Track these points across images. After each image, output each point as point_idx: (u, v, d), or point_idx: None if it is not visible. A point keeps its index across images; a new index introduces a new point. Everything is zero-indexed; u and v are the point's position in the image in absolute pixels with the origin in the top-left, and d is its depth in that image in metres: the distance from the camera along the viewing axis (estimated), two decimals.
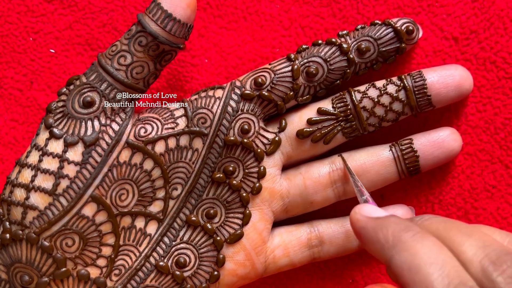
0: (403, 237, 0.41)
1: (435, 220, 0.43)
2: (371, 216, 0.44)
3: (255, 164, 0.53)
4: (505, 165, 0.57)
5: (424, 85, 0.53)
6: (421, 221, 0.43)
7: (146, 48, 0.50)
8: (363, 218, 0.45)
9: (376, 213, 0.45)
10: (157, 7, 0.50)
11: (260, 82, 0.52)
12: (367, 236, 0.43)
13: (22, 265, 0.50)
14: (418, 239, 0.40)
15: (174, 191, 0.53)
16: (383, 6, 0.57)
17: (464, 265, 0.39)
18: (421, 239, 0.40)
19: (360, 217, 0.45)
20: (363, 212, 0.45)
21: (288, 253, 0.55)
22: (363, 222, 0.44)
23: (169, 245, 0.53)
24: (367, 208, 0.46)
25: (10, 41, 0.59)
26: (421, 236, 0.40)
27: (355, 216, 0.45)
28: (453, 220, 0.43)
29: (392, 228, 0.42)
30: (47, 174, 0.50)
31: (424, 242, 0.40)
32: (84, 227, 0.50)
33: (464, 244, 0.39)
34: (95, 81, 0.51)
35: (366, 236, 0.44)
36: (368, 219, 0.44)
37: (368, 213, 0.45)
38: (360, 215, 0.45)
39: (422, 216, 0.44)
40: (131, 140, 0.51)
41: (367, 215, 0.45)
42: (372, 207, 0.46)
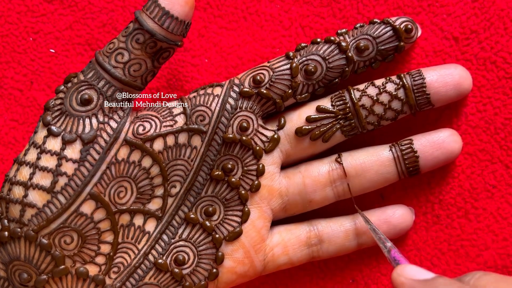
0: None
1: (488, 279, 0.41)
2: (417, 279, 0.43)
3: (253, 161, 0.53)
4: (505, 165, 0.56)
5: (423, 83, 0.53)
6: (473, 281, 0.42)
7: (143, 46, 0.50)
8: (409, 282, 0.43)
9: (421, 275, 0.43)
10: (155, 4, 0.49)
11: (259, 80, 0.52)
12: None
13: (21, 262, 0.50)
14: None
15: (173, 189, 0.53)
16: (383, 6, 0.57)
17: None
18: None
19: (405, 280, 0.43)
20: (407, 275, 0.43)
21: (287, 252, 0.55)
22: (409, 286, 0.42)
23: (168, 243, 0.53)
24: (410, 270, 0.43)
25: (10, 41, 0.59)
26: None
27: (398, 278, 0.43)
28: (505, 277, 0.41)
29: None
30: (45, 171, 0.50)
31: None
32: (82, 225, 0.50)
33: None
34: (92, 78, 0.51)
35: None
36: (415, 282, 0.42)
37: (413, 275, 0.43)
38: (405, 278, 0.43)
39: (473, 274, 0.42)
40: (129, 137, 0.51)
41: (412, 278, 0.43)
42: (415, 268, 0.44)
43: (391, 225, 0.55)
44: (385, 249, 0.50)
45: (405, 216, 0.56)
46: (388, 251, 0.50)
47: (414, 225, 0.57)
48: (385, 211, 0.56)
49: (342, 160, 0.54)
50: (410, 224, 0.56)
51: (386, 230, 0.55)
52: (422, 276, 0.43)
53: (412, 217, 0.56)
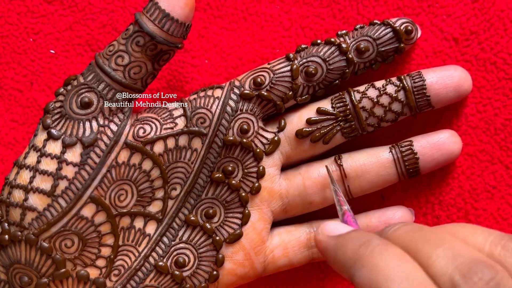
0: (362, 252, 0.39)
1: (403, 229, 0.40)
2: (333, 235, 0.43)
3: (254, 164, 0.53)
4: (505, 165, 0.57)
5: (424, 85, 0.53)
6: (390, 232, 0.41)
7: (143, 48, 0.50)
8: (325, 238, 0.43)
9: (338, 230, 0.43)
10: (155, 7, 0.49)
11: (259, 81, 0.52)
12: (330, 257, 0.42)
13: (21, 266, 0.50)
14: (377, 252, 0.38)
15: (173, 191, 0.53)
16: (383, 7, 0.57)
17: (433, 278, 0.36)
18: (381, 252, 0.38)
19: (322, 237, 0.43)
20: (325, 231, 0.43)
21: (287, 253, 0.55)
22: (324, 243, 0.43)
23: (168, 245, 0.53)
24: (329, 226, 0.44)
25: (10, 42, 0.59)
26: (382, 249, 0.38)
27: (317, 236, 0.44)
28: (423, 227, 0.40)
29: (351, 244, 0.40)
30: (46, 175, 0.50)
31: (385, 255, 0.38)
32: (83, 228, 0.50)
33: (432, 256, 0.37)
34: (92, 81, 0.51)
35: (329, 257, 0.42)
36: (329, 238, 0.43)
37: (331, 231, 0.43)
38: (321, 235, 0.43)
39: (393, 225, 0.42)
40: (130, 140, 0.51)
41: (328, 234, 0.43)
42: (335, 224, 0.44)
43: None
44: (340, 211, 0.49)
45: (405, 218, 0.56)
46: (342, 213, 0.49)
47: None
48: (385, 213, 0.56)
49: (342, 161, 0.54)
50: None
51: None
52: (338, 231, 0.43)
53: (412, 218, 0.56)
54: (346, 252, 0.40)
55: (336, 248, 0.41)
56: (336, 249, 0.41)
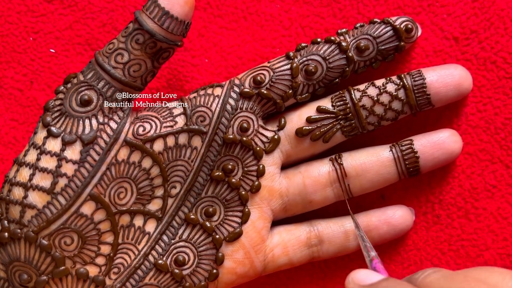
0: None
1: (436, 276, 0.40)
2: (364, 284, 0.43)
3: (254, 162, 0.53)
4: (505, 165, 0.56)
5: (424, 84, 0.53)
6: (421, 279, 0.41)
7: (143, 46, 0.50)
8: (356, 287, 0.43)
9: (370, 279, 0.43)
10: (154, 4, 0.49)
11: (259, 80, 0.52)
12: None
13: (21, 263, 0.50)
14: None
15: (173, 189, 0.53)
16: (384, 6, 0.57)
17: None
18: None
19: (353, 286, 0.43)
20: (356, 280, 0.43)
21: (287, 252, 0.55)
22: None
23: (168, 243, 0.53)
24: (360, 275, 0.44)
25: (10, 41, 0.59)
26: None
27: (348, 286, 0.43)
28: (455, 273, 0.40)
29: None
30: (45, 172, 0.50)
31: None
32: (82, 226, 0.50)
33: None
34: (92, 79, 0.51)
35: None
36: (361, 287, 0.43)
37: (361, 280, 0.43)
38: (352, 284, 0.43)
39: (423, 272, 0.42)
40: (130, 138, 0.51)
41: (359, 283, 0.43)
42: (365, 273, 0.44)
43: (391, 226, 0.55)
44: (368, 257, 0.50)
45: (405, 217, 0.56)
46: (370, 260, 0.50)
47: (414, 225, 0.57)
48: (385, 212, 0.56)
49: (342, 160, 0.54)
50: (410, 225, 0.56)
51: (386, 230, 0.55)
52: (370, 280, 0.43)
53: (412, 217, 0.56)
54: None
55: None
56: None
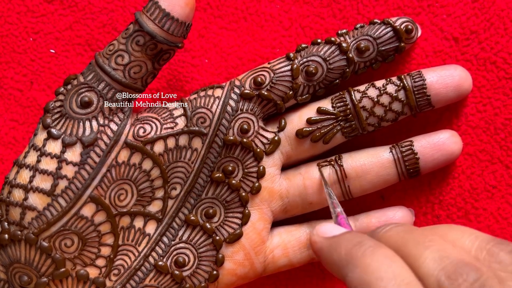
0: (354, 253, 0.39)
1: (394, 230, 0.41)
2: (327, 236, 0.43)
3: (254, 163, 0.53)
4: (505, 165, 0.56)
5: (424, 85, 0.53)
6: (382, 233, 0.42)
7: (143, 48, 0.50)
8: (319, 239, 0.43)
9: (332, 231, 0.44)
10: (155, 6, 0.49)
11: (260, 81, 0.52)
12: (324, 258, 0.42)
13: (21, 265, 0.50)
14: (369, 253, 0.39)
15: (173, 191, 0.53)
16: (383, 6, 0.57)
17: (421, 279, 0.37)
18: (372, 253, 0.39)
19: (316, 238, 0.44)
20: (320, 233, 0.44)
21: (287, 253, 0.55)
22: (319, 244, 0.43)
23: (168, 245, 0.53)
24: (324, 228, 0.44)
25: (10, 42, 0.59)
26: (373, 250, 0.39)
27: (312, 237, 0.44)
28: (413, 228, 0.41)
29: (344, 245, 0.40)
30: (45, 174, 0.50)
31: (376, 256, 0.38)
32: (83, 228, 0.50)
33: (420, 257, 0.38)
34: (92, 80, 0.50)
35: (323, 258, 0.43)
36: (323, 239, 0.43)
37: (325, 233, 0.44)
38: (316, 236, 0.44)
39: (385, 226, 0.42)
40: (130, 140, 0.51)
41: (323, 235, 0.44)
42: (330, 226, 0.44)
43: None
44: (334, 213, 0.50)
45: (406, 218, 0.56)
46: (336, 216, 0.49)
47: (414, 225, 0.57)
48: (385, 213, 0.56)
49: (342, 161, 0.54)
50: None
51: None
52: (333, 233, 0.43)
53: (412, 218, 0.56)
54: (339, 253, 0.40)
55: (330, 249, 0.42)
56: (330, 250, 0.42)
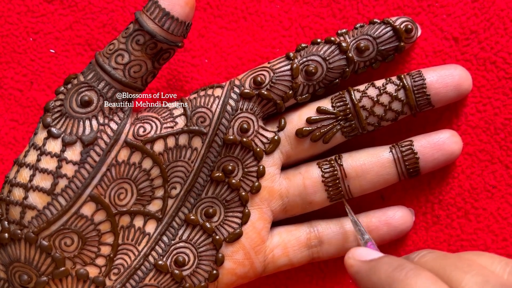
0: (397, 276, 0.39)
1: (431, 256, 0.42)
2: (364, 260, 0.43)
3: (254, 163, 0.53)
4: (505, 165, 0.56)
5: (424, 84, 0.53)
6: (417, 258, 0.42)
7: (143, 47, 0.50)
8: (356, 263, 0.43)
9: (369, 255, 0.44)
10: (155, 5, 0.49)
11: (259, 81, 0.52)
12: (362, 281, 0.42)
13: (21, 264, 0.50)
14: (412, 275, 0.39)
15: (173, 190, 0.53)
16: (383, 6, 0.57)
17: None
18: (416, 275, 0.39)
19: (353, 262, 0.44)
20: (356, 256, 0.44)
21: (287, 253, 0.55)
22: (356, 267, 0.43)
23: (168, 244, 0.53)
24: (360, 251, 0.45)
25: (10, 42, 0.59)
26: (416, 272, 0.39)
27: (348, 261, 0.44)
28: (449, 254, 0.42)
29: (384, 269, 0.41)
30: (45, 173, 0.50)
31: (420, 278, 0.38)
32: (83, 227, 0.50)
33: (462, 282, 0.38)
34: (92, 80, 0.51)
35: (361, 281, 0.42)
36: (361, 263, 0.43)
37: (361, 256, 0.44)
38: (353, 260, 0.44)
39: (419, 252, 0.43)
40: (130, 139, 0.51)
41: (360, 259, 0.44)
42: (365, 250, 0.45)
43: (392, 227, 0.55)
44: (362, 240, 0.50)
45: (405, 218, 0.56)
46: (365, 243, 0.50)
47: (414, 225, 0.57)
48: (385, 213, 0.56)
49: (342, 161, 0.54)
50: (410, 226, 0.56)
51: (386, 231, 0.55)
52: (370, 256, 0.44)
53: (412, 218, 0.57)
54: (379, 276, 0.40)
55: (370, 272, 0.42)
56: (369, 273, 0.42)
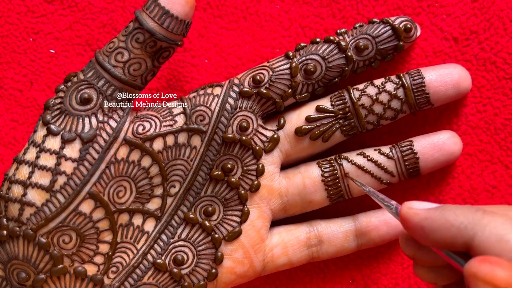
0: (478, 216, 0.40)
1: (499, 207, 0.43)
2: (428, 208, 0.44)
3: (253, 161, 0.53)
4: (505, 165, 0.56)
5: (423, 83, 0.53)
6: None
7: (143, 45, 0.50)
8: (422, 211, 0.43)
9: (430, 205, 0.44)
10: (154, 4, 0.49)
11: (259, 79, 0.52)
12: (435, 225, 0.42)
13: (19, 262, 0.50)
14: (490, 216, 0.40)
15: (172, 189, 0.53)
16: (383, 6, 0.57)
17: None
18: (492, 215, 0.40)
19: (417, 210, 0.44)
20: (417, 206, 0.44)
21: (287, 252, 0.55)
22: (424, 213, 0.43)
23: (167, 243, 0.53)
24: (418, 203, 0.45)
25: (10, 42, 0.59)
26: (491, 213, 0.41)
27: (410, 211, 0.44)
28: None
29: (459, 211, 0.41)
30: (44, 170, 0.50)
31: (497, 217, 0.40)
32: (81, 224, 0.50)
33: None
34: (92, 78, 0.51)
35: (433, 225, 0.42)
36: (428, 210, 0.43)
37: (423, 206, 0.44)
38: (416, 209, 0.44)
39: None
40: (129, 137, 0.51)
41: (424, 208, 0.44)
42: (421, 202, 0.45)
43: (391, 226, 0.55)
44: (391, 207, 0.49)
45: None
46: (395, 208, 0.49)
47: None
48: (385, 212, 0.55)
49: (342, 161, 0.54)
50: None
51: (386, 231, 0.55)
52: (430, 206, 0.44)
53: None
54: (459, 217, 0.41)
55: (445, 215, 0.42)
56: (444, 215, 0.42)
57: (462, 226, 0.41)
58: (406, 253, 0.47)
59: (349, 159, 0.54)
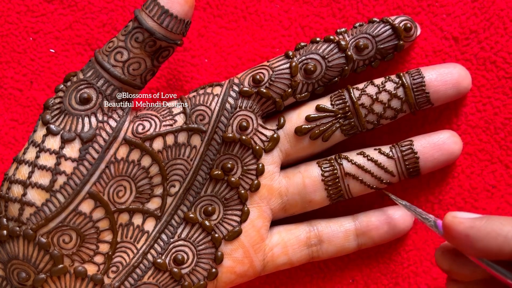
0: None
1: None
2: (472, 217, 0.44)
3: (253, 161, 0.53)
4: (505, 165, 0.56)
5: (423, 82, 0.53)
6: None
7: (142, 45, 0.50)
8: (467, 220, 0.44)
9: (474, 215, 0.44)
10: (154, 3, 0.49)
11: (259, 79, 0.52)
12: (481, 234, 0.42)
13: (19, 261, 0.50)
14: None
15: (172, 188, 0.53)
16: (383, 6, 0.57)
17: None
18: None
19: (462, 219, 0.44)
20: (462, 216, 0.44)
21: (287, 252, 0.55)
22: (469, 222, 0.43)
23: (167, 242, 0.53)
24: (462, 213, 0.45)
25: (10, 41, 0.59)
26: None
27: (455, 220, 0.44)
28: None
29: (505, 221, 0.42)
30: (44, 170, 0.50)
31: None
32: (81, 224, 0.50)
33: None
34: (91, 77, 0.51)
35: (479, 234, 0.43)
36: (473, 219, 0.43)
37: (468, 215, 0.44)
38: (461, 218, 0.44)
39: None
40: (129, 136, 0.51)
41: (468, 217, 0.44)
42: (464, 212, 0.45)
43: (391, 226, 0.55)
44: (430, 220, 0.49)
45: (405, 217, 0.56)
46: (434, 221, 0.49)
47: (414, 225, 0.57)
48: (385, 212, 0.55)
49: (342, 160, 0.54)
50: (410, 225, 0.56)
51: (386, 230, 0.55)
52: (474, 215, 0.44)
53: (412, 217, 0.56)
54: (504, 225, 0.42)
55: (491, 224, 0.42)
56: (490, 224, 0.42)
57: (509, 235, 0.41)
58: (441, 267, 0.47)
59: (349, 159, 0.54)
